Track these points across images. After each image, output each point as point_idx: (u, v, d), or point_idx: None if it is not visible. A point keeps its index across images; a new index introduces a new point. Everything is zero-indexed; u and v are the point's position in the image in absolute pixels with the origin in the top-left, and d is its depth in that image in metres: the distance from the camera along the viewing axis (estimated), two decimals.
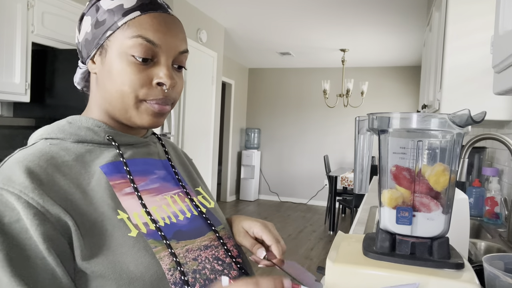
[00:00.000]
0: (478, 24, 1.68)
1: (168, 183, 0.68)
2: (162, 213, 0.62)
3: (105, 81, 0.61)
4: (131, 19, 0.58)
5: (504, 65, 0.72)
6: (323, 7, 3.67)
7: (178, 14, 3.53)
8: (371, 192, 2.45)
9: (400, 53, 5.34)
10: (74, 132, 0.60)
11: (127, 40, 0.58)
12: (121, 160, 0.62)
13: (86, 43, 0.61)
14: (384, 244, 0.61)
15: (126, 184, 0.61)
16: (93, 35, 0.60)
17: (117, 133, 0.64)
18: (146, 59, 0.59)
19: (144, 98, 0.60)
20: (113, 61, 0.59)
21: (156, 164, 0.69)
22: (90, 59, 0.62)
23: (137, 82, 0.59)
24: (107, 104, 0.62)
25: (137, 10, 0.59)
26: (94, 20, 0.60)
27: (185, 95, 3.73)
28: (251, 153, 6.68)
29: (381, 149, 0.63)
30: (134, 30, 0.58)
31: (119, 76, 0.59)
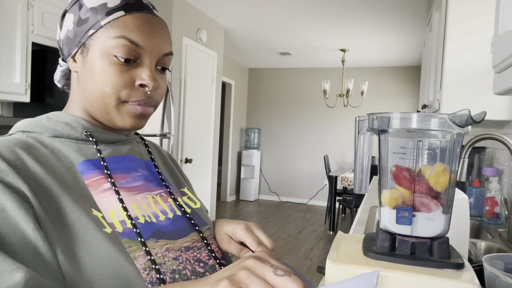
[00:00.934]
0: (478, 24, 1.68)
1: (150, 183, 0.66)
2: (142, 211, 0.60)
3: (87, 81, 0.59)
4: (114, 18, 0.58)
5: (504, 65, 0.72)
6: (323, 7, 3.67)
7: (178, 14, 3.53)
8: (371, 192, 2.45)
9: (400, 53, 5.34)
10: (51, 127, 0.59)
11: (110, 40, 0.57)
12: (99, 156, 0.61)
13: (68, 40, 0.60)
14: (384, 244, 0.61)
15: (104, 180, 0.59)
16: (75, 33, 0.59)
17: (96, 129, 0.62)
18: (129, 60, 0.58)
19: (126, 99, 0.59)
20: (95, 61, 0.58)
21: (139, 163, 0.67)
22: (71, 57, 0.61)
23: (119, 83, 0.58)
24: (88, 104, 0.61)
25: (121, 10, 0.58)
26: (76, 18, 0.59)
27: (185, 95, 3.73)
28: (251, 153, 6.68)
29: (381, 149, 0.63)
30: (118, 30, 0.57)
31: (101, 76, 0.58)
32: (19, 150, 0.53)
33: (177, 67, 3.57)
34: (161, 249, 0.58)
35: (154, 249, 0.57)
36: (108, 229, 0.54)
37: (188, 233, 0.64)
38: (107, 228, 0.54)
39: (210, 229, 0.70)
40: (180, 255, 0.59)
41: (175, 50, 3.52)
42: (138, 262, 0.53)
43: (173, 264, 0.57)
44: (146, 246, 0.55)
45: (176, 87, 3.56)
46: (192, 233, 0.64)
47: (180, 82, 3.63)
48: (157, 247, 0.57)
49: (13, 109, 2.58)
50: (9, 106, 2.57)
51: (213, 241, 0.67)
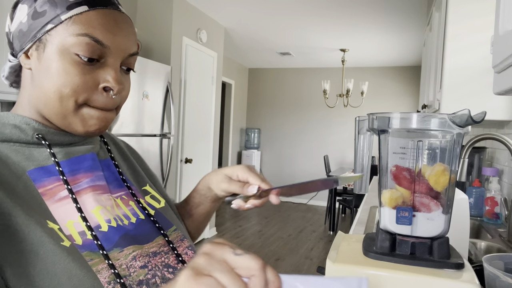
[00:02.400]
0: (478, 24, 1.68)
1: (110, 184, 0.61)
2: (107, 214, 0.56)
3: (42, 80, 0.53)
4: (77, 14, 0.52)
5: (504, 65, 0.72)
6: (323, 7, 3.67)
7: (178, 14, 3.53)
8: (371, 192, 2.45)
9: (400, 53, 5.34)
10: None
11: (72, 38, 0.51)
12: (53, 160, 0.55)
13: (20, 34, 0.54)
14: (384, 244, 0.61)
15: (60, 188, 0.53)
16: (30, 27, 0.53)
17: (49, 131, 0.56)
18: (92, 59, 0.53)
19: (85, 102, 0.54)
20: (53, 59, 0.52)
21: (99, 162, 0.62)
22: (24, 53, 0.55)
23: (81, 85, 0.53)
24: (43, 106, 0.55)
25: (84, 5, 0.52)
26: (31, 9, 0.53)
27: (185, 95, 3.73)
28: (251, 153, 6.68)
29: (381, 149, 0.63)
30: (81, 27, 0.52)
31: (60, 76, 0.52)
32: None
33: (177, 67, 3.57)
34: (126, 259, 0.53)
35: (118, 260, 0.52)
36: (66, 242, 0.49)
37: (153, 237, 0.60)
38: (65, 241, 0.49)
39: (176, 230, 0.65)
40: (149, 261, 0.56)
41: (175, 50, 3.52)
42: (101, 275, 0.49)
43: (140, 274, 0.53)
44: (109, 259, 0.51)
45: (176, 87, 3.56)
46: (158, 237, 0.60)
47: (180, 82, 3.63)
48: (121, 257, 0.53)
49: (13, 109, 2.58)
50: (9, 106, 2.57)
51: (180, 243, 0.63)
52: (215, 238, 4.36)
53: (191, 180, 3.93)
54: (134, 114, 2.83)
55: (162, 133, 3.14)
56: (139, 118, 2.89)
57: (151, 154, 3.02)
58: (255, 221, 5.26)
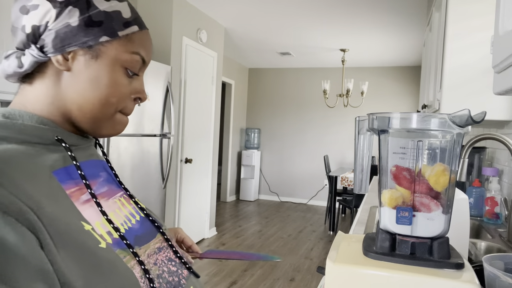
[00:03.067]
0: (478, 24, 1.68)
1: (111, 185, 0.63)
2: (119, 218, 0.58)
3: (86, 85, 0.55)
4: (132, 32, 0.57)
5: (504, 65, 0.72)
6: (323, 7, 3.67)
7: (178, 14, 3.53)
8: (371, 192, 2.45)
9: (400, 53, 5.34)
10: (18, 130, 0.51)
11: (126, 54, 0.56)
12: (71, 164, 0.55)
13: (65, 36, 0.53)
14: (384, 244, 0.61)
15: (81, 191, 0.54)
16: (81, 31, 0.53)
17: (63, 132, 0.56)
18: (136, 74, 0.59)
19: (121, 110, 0.59)
20: (104, 69, 0.55)
21: (99, 166, 0.63)
22: (62, 54, 0.54)
23: (125, 96, 0.58)
24: (75, 107, 0.55)
25: (134, 25, 0.58)
26: (85, 16, 0.53)
27: (185, 95, 3.73)
28: (251, 153, 6.68)
29: (381, 149, 0.63)
30: (134, 46, 0.57)
31: (110, 86, 0.55)
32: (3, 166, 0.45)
33: (177, 67, 3.57)
34: (144, 256, 0.57)
35: (141, 257, 0.56)
36: (103, 243, 0.50)
37: (154, 235, 0.63)
38: (102, 243, 0.50)
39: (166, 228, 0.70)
40: (157, 258, 0.59)
41: (175, 50, 3.53)
42: (135, 271, 0.52)
43: (156, 270, 0.57)
44: (138, 256, 0.54)
45: (176, 87, 3.56)
46: (158, 234, 0.64)
47: (180, 82, 3.63)
48: (141, 254, 0.56)
49: None
50: None
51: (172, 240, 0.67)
52: (215, 238, 4.36)
53: (191, 180, 3.93)
54: (134, 114, 2.83)
55: (162, 133, 3.14)
56: (139, 118, 2.89)
57: (151, 154, 3.02)
58: (255, 221, 5.26)
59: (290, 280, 3.27)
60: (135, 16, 0.58)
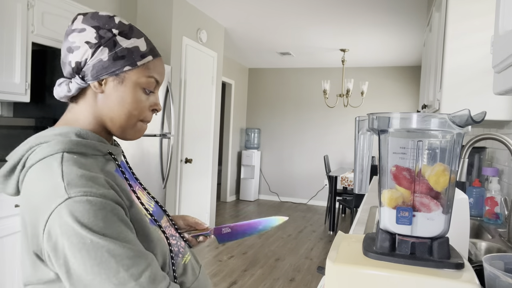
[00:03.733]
0: (478, 24, 1.68)
1: (132, 181, 0.82)
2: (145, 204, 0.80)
3: (115, 103, 0.74)
4: (147, 61, 0.75)
5: (504, 65, 0.72)
6: (323, 7, 3.67)
7: (178, 14, 3.53)
8: (371, 192, 2.45)
9: (400, 53, 5.34)
10: (91, 147, 0.71)
11: (144, 78, 0.75)
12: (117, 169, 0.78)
13: (100, 68, 0.72)
14: (384, 244, 0.61)
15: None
16: (110, 64, 0.72)
17: (110, 146, 0.77)
18: (152, 92, 0.78)
19: (142, 119, 0.78)
20: (128, 90, 0.74)
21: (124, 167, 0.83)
22: (97, 81, 0.73)
23: (145, 109, 0.77)
24: (108, 120, 0.75)
25: (149, 55, 0.76)
26: (112, 53, 0.72)
27: (185, 95, 3.73)
28: (251, 153, 6.68)
29: (381, 149, 0.63)
30: (149, 71, 0.76)
31: (133, 102, 0.75)
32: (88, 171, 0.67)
33: (177, 67, 3.57)
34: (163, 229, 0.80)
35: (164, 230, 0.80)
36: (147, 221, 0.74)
37: (162, 216, 0.85)
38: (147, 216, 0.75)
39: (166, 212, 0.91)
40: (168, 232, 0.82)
41: (175, 50, 3.53)
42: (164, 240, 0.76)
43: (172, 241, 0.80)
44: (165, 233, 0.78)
45: (176, 87, 3.56)
46: (164, 216, 0.86)
47: (180, 82, 3.63)
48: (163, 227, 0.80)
49: (13, 109, 2.58)
50: (9, 106, 2.57)
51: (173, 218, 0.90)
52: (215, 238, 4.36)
53: (191, 180, 3.93)
54: None
55: (162, 133, 3.14)
56: None
57: (151, 154, 3.02)
58: None
59: (290, 280, 3.27)
60: (150, 47, 0.77)
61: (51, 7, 2.40)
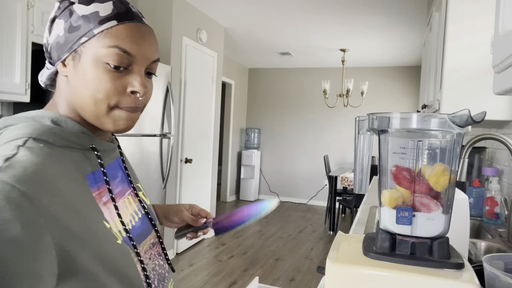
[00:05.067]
0: (478, 24, 1.68)
1: (124, 184, 0.70)
2: (126, 217, 0.65)
3: (78, 86, 0.60)
4: (107, 28, 0.58)
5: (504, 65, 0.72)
6: (323, 7, 3.67)
7: (178, 14, 3.53)
8: (371, 192, 2.45)
9: (400, 53, 5.34)
10: (65, 137, 0.59)
11: (104, 49, 0.58)
12: (99, 169, 0.63)
13: (58, 46, 0.61)
14: (384, 244, 0.61)
15: (103, 193, 0.61)
16: (66, 39, 0.59)
17: (95, 140, 0.64)
18: (120, 67, 0.59)
19: (116, 105, 0.60)
20: (87, 68, 0.59)
21: (117, 167, 0.70)
22: (61, 62, 0.61)
23: (112, 90, 0.59)
24: (79, 108, 0.61)
25: (113, 20, 0.59)
26: (67, 24, 0.59)
27: (185, 95, 3.73)
28: (251, 153, 6.68)
29: (381, 149, 0.63)
30: (111, 40, 0.58)
31: (94, 83, 0.59)
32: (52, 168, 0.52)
33: (177, 67, 3.57)
34: (142, 252, 0.65)
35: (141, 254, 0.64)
36: (120, 239, 0.59)
37: (150, 231, 0.71)
38: (119, 239, 0.59)
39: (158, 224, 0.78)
40: (152, 253, 0.68)
41: (175, 50, 3.53)
42: (138, 266, 0.61)
43: (150, 264, 0.66)
44: (139, 256, 0.62)
45: (176, 87, 3.56)
46: (152, 231, 0.72)
47: (180, 82, 3.63)
48: (141, 251, 0.65)
49: (13, 109, 2.58)
50: (9, 106, 2.57)
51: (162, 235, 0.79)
52: (215, 238, 4.36)
53: (191, 180, 3.93)
54: None
55: (162, 133, 3.14)
56: (139, 118, 2.89)
57: (151, 154, 3.02)
58: (255, 221, 5.26)
59: (290, 280, 3.27)
60: (118, 11, 0.59)
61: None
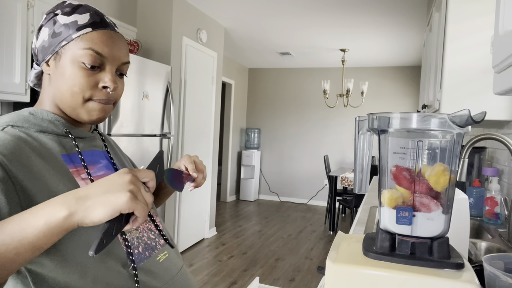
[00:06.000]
0: (478, 24, 1.68)
1: (109, 170, 0.82)
2: None
3: (58, 82, 0.73)
4: (84, 33, 0.72)
5: (504, 65, 0.72)
6: (323, 7, 3.67)
7: (178, 14, 3.53)
8: (371, 192, 2.45)
9: (400, 53, 5.34)
10: (37, 123, 0.72)
11: (80, 51, 0.71)
12: (75, 151, 0.75)
13: (43, 49, 0.74)
14: (384, 244, 0.61)
15: (81, 171, 0.74)
16: (50, 43, 0.73)
17: (71, 127, 0.76)
18: (94, 66, 0.72)
19: (90, 97, 0.73)
20: (66, 66, 0.72)
21: (100, 155, 0.83)
22: (45, 62, 0.74)
23: (86, 85, 0.72)
24: (59, 101, 0.74)
25: (89, 27, 0.72)
26: (51, 31, 0.73)
27: (185, 95, 3.73)
28: (251, 153, 6.68)
29: (381, 149, 0.63)
30: (86, 43, 0.71)
31: (71, 78, 0.71)
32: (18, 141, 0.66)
33: (177, 67, 3.57)
34: None
35: None
36: None
37: None
38: None
39: (153, 208, 0.89)
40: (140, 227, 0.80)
41: (175, 50, 3.53)
42: None
43: (136, 233, 0.78)
44: None
45: (176, 87, 3.56)
46: None
47: (180, 82, 3.63)
48: None
49: (13, 109, 2.58)
50: (9, 106, 2.57)
51: (156, 217, 0.86)
52: (215, 238, 4.36)
53: None
54: (134, 114, 2.83)
55: (162, 133, 3.14)
56: (139, 118, 2.89)
57: (151, 154, 3.02)
58: (255, 221, 5.26)
59: (290, 280, 3.27)
60: (93, 20, 0.73)
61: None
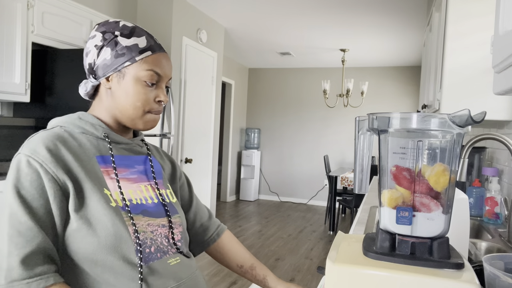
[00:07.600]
0: (478, 24, 1.68)
1: (144, 176, 0.91)
2: (135, 195, 0.86)
3: (121, 97, 0.84)
4: (145, 56, 0.84)
5: (504, 65, 0.72)
6: (323, 7, 3.67)
7: (178, 14, 3.53)
8: (371, 192, 2.45)
9: (400, 53, 5.34)
10: (81, 126, 0.84)
11: (143, 71, 0.83)
12: (109, 154, 0.85)
13: (104, 66, 0.84)
14: (384, 244, 0.61)
15: (111, 172, 0.84)
16: (112, 62, 0.83)
17: (111, 133, 0.86)
18: (153, 84, 0.85)
19: (149, 110, 0.86)
20: (129, 84, 0.83)
21: (137, 161, 0.91)
22: (105, 78, 0.84)
23: (147, 100, 0.85)
24: (118, 112, 0.86)
25: (148, 51, 0.84)
26: (114, 52, 0.83)
27: (185, 95, 3.73)
28: (251, 153, 6.68)
29: (381, 149, 0.63)
30: (148, 65, 0.84)
31: (134, 95, 0.84)
32: (59, 143, 0.78)
33: (177, 67, 3.57)
34: (145, 223, 0.83)
35: (140, 222, 0.82)
36: (113, 203, 0.79)
37: (163, 216, 0.89)
38: (113, 203, 0.79)
39: (180, 217, 0.94)
40: (156, 229, 0.85)
41: (175, 50, 3.53)
42: (130, 228, 0.79)
43: (150, 234, 0.83)
44: (132, 219, 0.80)
45: (176, 87, 3.56)
46: (165, 217, 0.89)
47: (180, 82, 3.63)
48: (142, 221, 0.83)
49: (13, 109, 2.58)
50: (9, 106, 2.57)
51: (178, 227, 0.91)
52: None
53: (191, 180, 3.93)
54: None
55: (162, 133, 3.14)
56: None
57: None
58: (255, 221, 5.26)
59: (290, 280, 3.26)
60: (150, 44, 0.85)
61: (51, 7, 2.40)
